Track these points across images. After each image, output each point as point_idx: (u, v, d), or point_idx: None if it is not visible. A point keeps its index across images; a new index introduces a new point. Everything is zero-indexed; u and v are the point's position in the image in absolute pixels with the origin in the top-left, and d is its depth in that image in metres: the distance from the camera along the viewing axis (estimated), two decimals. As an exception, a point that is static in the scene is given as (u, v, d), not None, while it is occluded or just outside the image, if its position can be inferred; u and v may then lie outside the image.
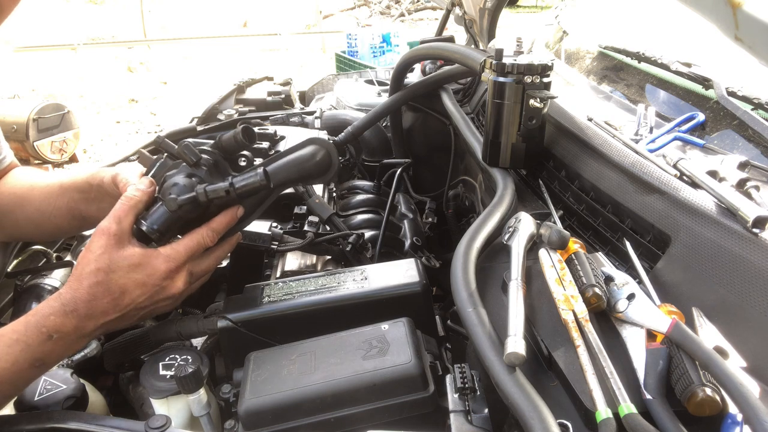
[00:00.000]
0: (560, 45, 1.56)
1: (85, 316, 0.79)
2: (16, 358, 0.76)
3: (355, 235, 1.19)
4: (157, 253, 0.84)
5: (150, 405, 0.87)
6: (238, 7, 11.49)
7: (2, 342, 0.76)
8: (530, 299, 0.77)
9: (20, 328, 0.77)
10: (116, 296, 0.81)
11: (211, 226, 0.89)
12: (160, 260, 0.83)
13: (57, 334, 0.78)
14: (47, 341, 0.77)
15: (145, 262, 0.82)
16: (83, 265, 0.80)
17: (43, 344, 0.77)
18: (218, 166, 0.91)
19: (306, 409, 0.74)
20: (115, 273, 0.80)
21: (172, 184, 0.87)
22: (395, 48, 6.43)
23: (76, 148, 5.17)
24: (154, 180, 0.89)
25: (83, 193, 1.04)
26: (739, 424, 0.53)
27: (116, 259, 0.80)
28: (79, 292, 0.79)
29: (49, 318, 0.77)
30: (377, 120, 1.76)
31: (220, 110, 2.05)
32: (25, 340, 0.76)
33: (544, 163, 1.11)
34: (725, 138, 0.94)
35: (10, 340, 0.76)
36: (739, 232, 0.69)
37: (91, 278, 0.79)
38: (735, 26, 0.55)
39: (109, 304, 0.80)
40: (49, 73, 7.60)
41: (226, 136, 0.92)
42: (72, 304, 0.78)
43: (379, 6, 12.39)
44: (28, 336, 0.76)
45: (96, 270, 0.79)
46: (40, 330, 0.77)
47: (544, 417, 0.56)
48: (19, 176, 1.12)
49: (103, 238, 0.81)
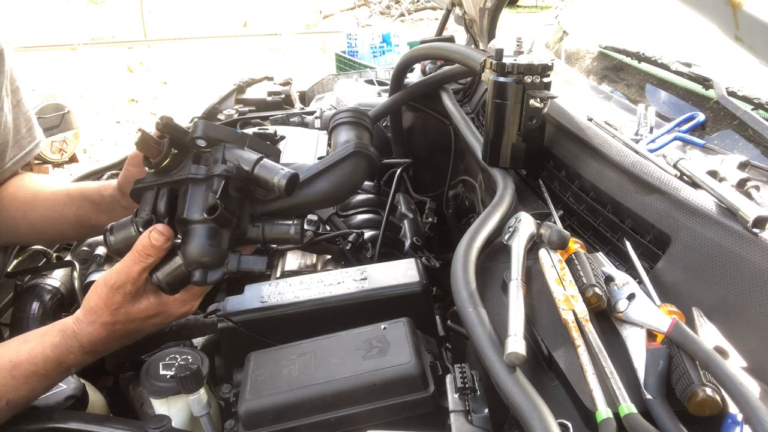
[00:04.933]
0: (560, 45, 1.56)
1: (102, 351, 0.84)
2: (33, 387, 0.80)
3: (355, 234, 1.19)
4: (173, 300, 0.83)
5: (150, 405, 0.87)
6: (238, 7, 11.49)
7: (19, 372, 0.78)
8: (530, 299, 0.77)
9: (38, 362, 0.78)
10: (132, 335, 0.84)
11: None
12: (177, 305, 0.84)
13: (75, 367, 0.82)
14: (65, 372, 0.82)
15: (162, 310, 0.83)
16: (98, 314, 0.79)
17: (61, 375, 0.82)
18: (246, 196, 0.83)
19: (306, 409, 0.74)
20: (132, 323, 0.82)
21: (196, 251, 0.77)
22: (395, 48, 6.42)
23: (76, 148, 5.18)
24: (170, 230, 0.79)
25: (94, 203, 1.05)
26: (739, 424, 0.53)
27: (133, 312, 0.81)
28: (97, 337, 0.80)
29: (69, 356, 0.80)
30: (377, 120, 1.76)
31: (220, 110, 2.05)
32: (44, 373, 0.79)
33: (544, 163, 1.11)
34: (725, 138, 0.94)
35: (27, 372, 0.78)
36: (739, 232, 0.69)
37: (108, 327, 0.80)
38: (735, 26, 0.55)
39: (125, 341, 0.85)
40: (49, 73, 7.59)
41: (264, 171, 0.80)
42: (90, 346, 0.80)
43: (379, 6, 12.39)
44: (48, 369, 0.79)
45: (113, 322, 0.80)
46: (60, 365, 0.80)
47: (544, 417, 0.56)
48: (22, 182, 1.12)
49: (117, 295, 0.79)
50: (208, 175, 0.79)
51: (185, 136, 0.80)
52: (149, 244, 0.77)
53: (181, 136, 0.79)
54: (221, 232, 0.79)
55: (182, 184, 0.80)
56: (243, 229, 0.83)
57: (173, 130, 0.78)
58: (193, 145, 0.81)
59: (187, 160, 0.81)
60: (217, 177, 0.78)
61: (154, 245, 0.77)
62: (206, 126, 0.81)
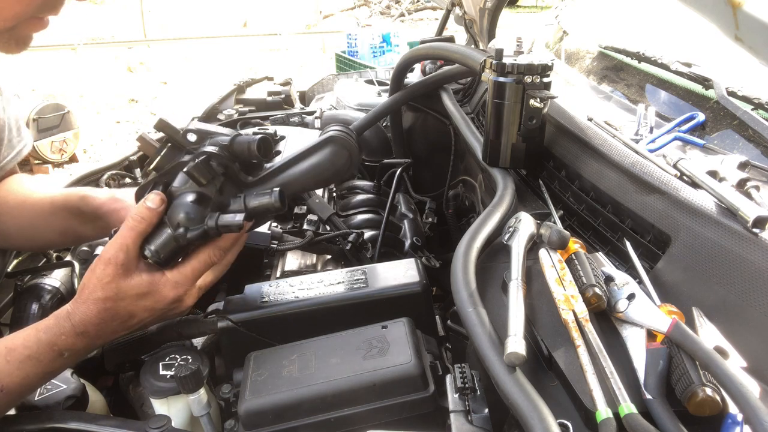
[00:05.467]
0: (560, 45, 1.56)
1: (95, 336, 0.81)
2: (27, 373, 0.78)
3: (355, 234, 1.19)
4: (165, 279, 0.83)
5: (150, 405, 0.87)
6: (238, 7, 11.49)
7: (13, 357, 0.77)
8: (530, 299, 0.77)
9: (31, 345, 0.78)
10: (125, 320, 0.83)
11: (218, 244, 0.86)
12: (169, 287, 0.83)
13: (68, 352, 0.80)
14: (58, 358, 0.80)
15: (153, 290, 0.82)
16: (90, 290, 0.80)
17: (54, 360, 0.80)
18: (229, 174, 0.86)
19: (306, 409, 0.74)
20: (123, 301, 0.81)
21: (181, 213, 0.82)
22: (395, 48, 6.43)
23: (76, 148, 5.18)
24: (163, 196, 0.83)
25: (76, 214, 1.05)
26: (739, 424, 0.53)
27: (124, 288, 0.80)
28: (88, 316, 0.79)
29: (61, 338, 0.79)
30: (377, 120, 1.75)
31: (220, 110, 2.05)
32: (36, 356, 0.78)
33: (544, 163, 1.11)
34: (725, 138, 0.95)
35: (21, 356, 0.78)
36: (739, 232, 0.69)
37: (99, 304, 0.80)
38: (735, 26, 0.55)
39: (118, 326, 0.83)
40: (49, 73, 7.59)
41: (239, 143, 0.86)
42: (82, 326, 0.79)
43: (379, 6, 12.39)
44: (40, 353, 0.78)
45: (104, 298, 0.79)
46: (52, 348, 0.79)
47: (544, 417, 0.56)
48: (12, 187, 1.12)
49: (110, 267, 0.79)
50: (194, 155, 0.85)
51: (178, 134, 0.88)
52: (144, 207, 0.81)
53: (174, 133, 0.88)
54: (204, 197, 0.84)
55: (174, 171, 0.86)
56: (226, 202, 0.86)
57: (167, 128, 0.88)
58: (185, 141, 0.89)
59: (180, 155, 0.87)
60: (200, 153, 0.84)
61: (149, 207, 0.81)
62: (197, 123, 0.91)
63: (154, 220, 0.82)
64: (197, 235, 0.82)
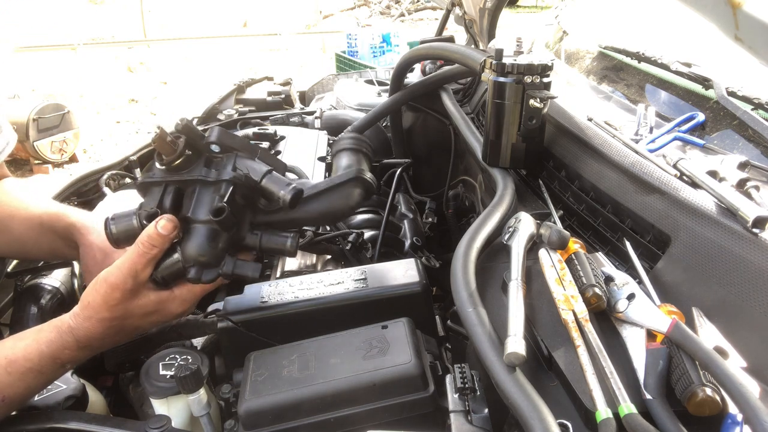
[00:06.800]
0: (560, 45, 1.56)
1: (98, 348, 0.83)
2: (28, 384, 0.79)
3: (355, 234, 1.19)
4: (173, 296, 0.83)
5: (150, 405, 0.87)
6: (238, 7, 11.50)
7: (15, 369, 0.77)
8: (530, 299, 0.77)
9: (33, 358, 0.78)
10: (129, 332, 0.84)
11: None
12: (176, 304, 0.83)
13: (70, 363, 0.82)
14: (60, 369, 0.81)
15: (161, 308, 0.83)
16: (96, 309, 0.79)
17: (56, 371, 0.81)
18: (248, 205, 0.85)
19: (306, 409, 0.74)
20: (129, 319, 0.81)
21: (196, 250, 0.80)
22: (395, 48, 6.44)
23: (76, 148, 5.19)
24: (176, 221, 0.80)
25: (63, 238, 1.05)
26: (739, 424, 0.53)
27: (131, 308, 0.80)
28: (93, 333, 0.80)
29: (64, 352, 0.79)
30: (377, 120, 1.76)
31: (220, 110, 2.05)
32: (39, 369, 0.79)
33: (544, 163, 1.11)
34: (725, 138, 0.94)
35: (23, 368, 0.78)
36: (739, 232, 0.69)
37: (105, 323, 0.79)
38: (735, 26, 0.55)
39: (122, 338, 0.84)
40: (49, 73, 7.59)
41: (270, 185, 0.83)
42: (86, 341, 0.80)
43: (379, 6, 12.39)
44: (43, 366, 0.79)
45: (111, 318, 0.79)
46: (54, 361, 0.79)
47: (544, 417, 0.56)
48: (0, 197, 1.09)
49: (117, 292, 0.78)
50: (217, 179, 0.82)
51: (201, 139, 0.83)
52: (156, 233, 0.78)
53: (197, 138, 0.83)
54: (222, 235, 0.82)
55: (191, 184, 0.83)
56: (242, 235, 0.86)
57: (190, 132, 0.81)
58: (206, 149, 0.84)
59: (198, 163, 0.84)
60: (226, 182, 0.82)
61: (161, 234, 0.78)
62: (221, 133, 0.84)
63: (166, 246, 0.80)
64: (211, 279, 0.82)
